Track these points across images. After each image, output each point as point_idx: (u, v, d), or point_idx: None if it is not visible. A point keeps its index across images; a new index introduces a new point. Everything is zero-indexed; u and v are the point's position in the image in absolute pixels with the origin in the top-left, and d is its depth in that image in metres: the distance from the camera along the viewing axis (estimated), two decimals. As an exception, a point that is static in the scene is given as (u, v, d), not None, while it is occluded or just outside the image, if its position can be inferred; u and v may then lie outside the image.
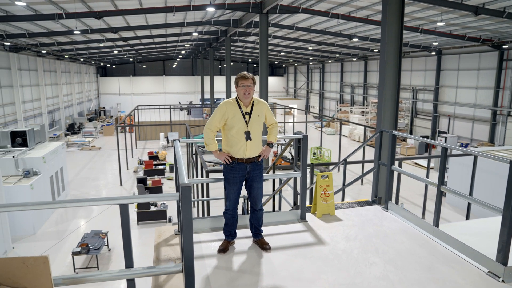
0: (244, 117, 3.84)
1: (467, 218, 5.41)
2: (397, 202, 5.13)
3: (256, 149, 3.90)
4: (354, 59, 39.22)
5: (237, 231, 4.00)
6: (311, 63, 50.86)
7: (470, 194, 4.55)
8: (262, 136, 4.06)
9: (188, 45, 38.42)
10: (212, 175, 8.42)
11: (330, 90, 48.11)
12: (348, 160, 6.80)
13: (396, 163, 11.29)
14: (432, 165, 22.54)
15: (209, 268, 3.44)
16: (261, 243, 3.91)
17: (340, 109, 41.32)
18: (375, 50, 31.07)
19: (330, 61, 44.79)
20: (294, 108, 36.41)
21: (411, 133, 32.04)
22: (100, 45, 29.49)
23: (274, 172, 5.21)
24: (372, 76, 38.49)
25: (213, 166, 23.98)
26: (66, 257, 11.86)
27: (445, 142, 24.89)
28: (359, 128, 31.62)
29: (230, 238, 3.93)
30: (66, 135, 34.33)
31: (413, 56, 31.28)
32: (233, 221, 3.93)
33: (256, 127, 3.89)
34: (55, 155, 16.20)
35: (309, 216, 4.57)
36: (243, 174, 3.91)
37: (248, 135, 3.82)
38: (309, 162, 23.41)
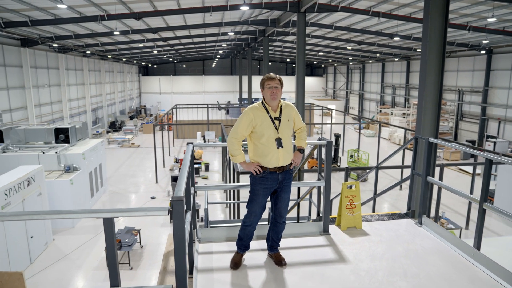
0: (274, 123, 3.55)
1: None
2: (436, 218, 4.68)
3: (289, 156, 3.63)
4: (396, 59, 37.73)
5: (252, 242, 3.76)
6: (351, 63, 49.61)
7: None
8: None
9: (225, 45, 38.70)
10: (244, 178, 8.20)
11: (370, 91, 46.67)
12: (384, 164, 6.37)
13: (437, 169, 10.58)
14: (478, 171, 21.10)
15: (217, 285, 3.22)
16: (276, 258, 3.63)
17: (380, 111, 39.92)
18: (418, 50, 29.67)
19: (370, 61, 43.43)
20: (332, 109, 35.60)
21: (455, 137, 30.26)
22: (140, 45, 30.34)
23: (299, 178, 4.91)
24: (414, 77, 36.82)
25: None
26: (101, 251, 12.17)
27: (494, 147, 23.22)
28: (399, 130, 30.33)
29: (244, 250, 3.68)
30: (108, 132, 35.69)
31: (460, 55, 29.52)
32: (251, 236, 3.67)
33: (287, 132, 3.61)
34: (95, 152, 16.74)
35: (332, 228, 4.24)
36: (274, 185, 3.63)
37: (279, 142, 3.53)
38: (345, 165, 22.86)
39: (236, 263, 3.54)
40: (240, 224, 3.68)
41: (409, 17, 18.30)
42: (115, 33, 19.62)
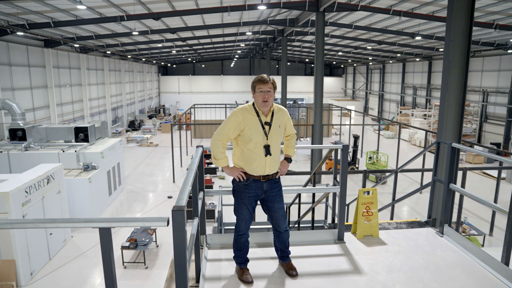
0: (264, 128, 3.27)
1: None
2: (457, 223, 4.43)
3: (275, 165, 3.38)
4: (417, 59, 36.86)
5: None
6: (370, 63, 48.82)
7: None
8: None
9: (244, 45, 38.67)
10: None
11: (390, 92, 45.78)
12: (405, 168, 6.07)
13: (460, 173, 10.17)
14: (503, 175, 20.34)
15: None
16: (287, 268, 3.43)
17: (401, 112, 39.11)
18: (440, 49, 28.86)
19: (391, 61, 42.60)
20: (351, 110, 35.07)
21: (479, 139, 29.30)
22: (159, 45, 30.63)
23: (314, 184, 4.73)
24: (437, 77, 35.89)
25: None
26: (117, 250, 12.28)
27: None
28: (420, 132, 29.61)
29: (246, 263, 3.42)
30: (127, 131, 36.20)
31: (485, 55, 28.54)
32: (247, 248, 3.44)
33: (277, 139, 3.34)
34: (113, 150, 16.94)
35: (348, 236, 4.05)
36: (259, 193, 3.38)
37: (267, 150, 3.26)
38: (364, 167, 22.43)
39: (248, 278, 3.28)
40: (242, 232, 3.48)
41: (432, 16, 17.79)
42: (134, 33, 19.85)
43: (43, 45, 22.34)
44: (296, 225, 5.89)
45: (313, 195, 4.83)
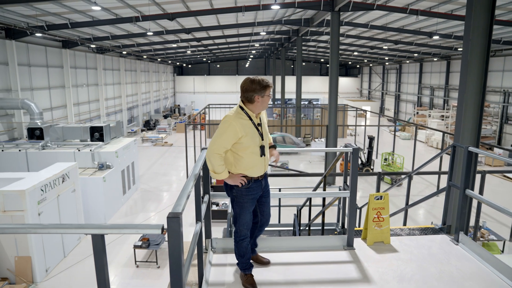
0: (258, 130, 3.25)
1: None
2: (475, 228, 4.24)
3: (268, 161, 3.43)
4: (435, 59, 36.11)
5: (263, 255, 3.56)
6: (387, 63, 48.10)
7: None
8: None
9: (258, 45, 38.60)
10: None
11: (407, 92, 45.00)
12: (421, 170, 5.88)
13: (478, 176, 9.86)
14: (525, 179, 19.71)
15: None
16: (257, 260, 3.54)
17: (417, 113, 38.39)
18: (459, 49, 28.20)
19: (407, 61, 41.87)
20: (367, 111, 34.63)
21: (499, 141, 28.48)
22: (174, 45, 30.82)
23: (325, 187, 4.60)
24: (455, 78, 35.08)
25: (279, 167, 23.64)
26: (130, 249, 12.37)
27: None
28: (437, 133, 28.99)
29: (251, 269, 3.36)
30: (142, 131, 36.59)
31: (506, 54, 27.73)
32: (249, 251, 3.40)
33: (266, 137, 3.35)
34: (127, 150, 17.10)
35: (358, 242, 3.90)
36: (259, 192, 3.40)
37: (263, 150, 3.26)
38: (379, 168, 22.06)
39: (253, 285, 3.21)
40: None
41: (450, 15, 17.36)
42: (148, 33, 20.02)
43: (61, 46, 22.75)
44: (307, 228, 5.78)
45: (323, 198, 4.70)
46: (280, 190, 8.67)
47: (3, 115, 17.57)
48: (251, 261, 3.42)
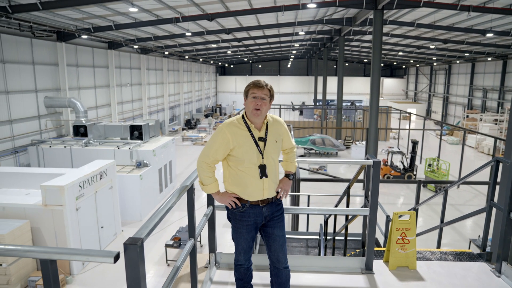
0: (258, 145, 2.75)
1: None
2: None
3: (274, 186, 2.87)
4: (489, 59, 33.69)
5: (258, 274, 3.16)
6: (435, 63, 45.65)
7: None
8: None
9: (298, 45, 38.09)
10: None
11: (456, 94, 42.42)
12: (466, 178, 5.26)
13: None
14: None
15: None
16: None
17: (467, 116, 36.04)
18: (518, 48, 26.09)
19: (458, 61, 39.43)
20: (411, 113, 33.03)
21: None
22: (214, 46, 31.12)
23: (348, 201, 4.20)
24: (512, 79, 32.56)
25: (317, 170, 23.12)
26: (162, 247, 12.55)
27: None
28: (489, 138, 27.00)
29: None
30: (183, 129, 37.35)
31: None
32: (250, 275, 3.01)
33: (274, 156, 2.82)
34: (165, 149, 17.42)
35: (378, 265, 3.46)
36: (259, 221, 2.85)
37: (263, 171, 2.75)
38: (423, 174, 20.87)
39: None
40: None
41: (508, 9, 15.99)
42: (187, 34, 20.34)
43: (107, 47, 23.69)
44: (331, 239, 5.44)
45: (347, 217, 4.30)
46: (309, 197, 8.33)
47: (53, 113, 18.55)
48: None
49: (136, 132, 17.08)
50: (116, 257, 1.50)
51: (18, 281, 9.64)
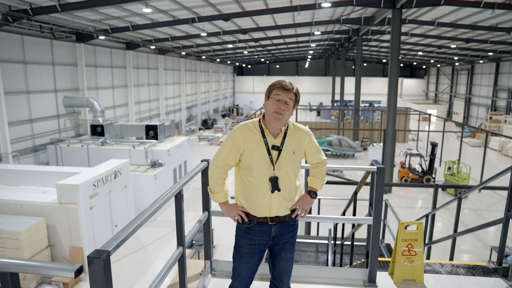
0: (270, 154, 2.44)
1: None
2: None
3: (287, 204, 2.51)
4: (515, 58, 32.54)
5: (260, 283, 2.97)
6: (457, 63, 44.38)
7: None
8: (298, 179, 2.58)
9: (314, 45, 37.72)
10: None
11: (479, 95, 41.11)
12: (487, 184, 4.98)
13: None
14: None
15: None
16: None
17: (491, 118, 34.90)
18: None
19: (481, 61, 38.19)
20: (431, 114, 32.21)
21: None
22: (230, 46, 31.14)
23: (355, 209, 4.04)
24: (539, 79, 31.33)
25: (333, 172, 22.83)
26: (175, 247, 12.59)
27: None
28: (514, 142, 26.07)
29: None
30: (200, 129, 37.54)
31: None
32: None
33: (289, 169, 2.47)
34: (180, 149, 17.49)
35: (383, 277, 3.24)
36: (264, 241, 2.55)
37: (275, 184, 2.42)
38: (442, 178, 20.28)
39: None
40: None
41: (535, 8, 15.37)
42: (202, 34, 20.40)
43: (125, 48, 24.02)
44: (339, 244, 5.29)
45: (354, 208, 4.13)
46: (319, 201, 8.16)
47: (71, 113, 18.91)
48: None
49: (152, 132, 17.21)
50: (78, 271, 1.43)
51: (34, 276, 9.83)
